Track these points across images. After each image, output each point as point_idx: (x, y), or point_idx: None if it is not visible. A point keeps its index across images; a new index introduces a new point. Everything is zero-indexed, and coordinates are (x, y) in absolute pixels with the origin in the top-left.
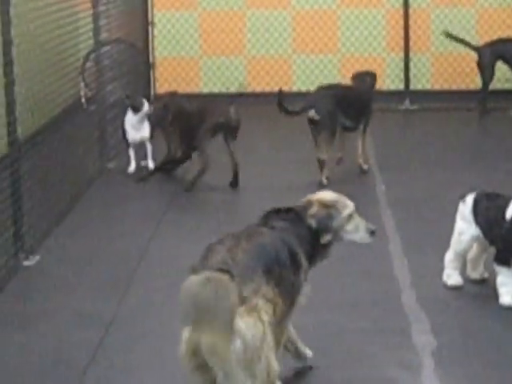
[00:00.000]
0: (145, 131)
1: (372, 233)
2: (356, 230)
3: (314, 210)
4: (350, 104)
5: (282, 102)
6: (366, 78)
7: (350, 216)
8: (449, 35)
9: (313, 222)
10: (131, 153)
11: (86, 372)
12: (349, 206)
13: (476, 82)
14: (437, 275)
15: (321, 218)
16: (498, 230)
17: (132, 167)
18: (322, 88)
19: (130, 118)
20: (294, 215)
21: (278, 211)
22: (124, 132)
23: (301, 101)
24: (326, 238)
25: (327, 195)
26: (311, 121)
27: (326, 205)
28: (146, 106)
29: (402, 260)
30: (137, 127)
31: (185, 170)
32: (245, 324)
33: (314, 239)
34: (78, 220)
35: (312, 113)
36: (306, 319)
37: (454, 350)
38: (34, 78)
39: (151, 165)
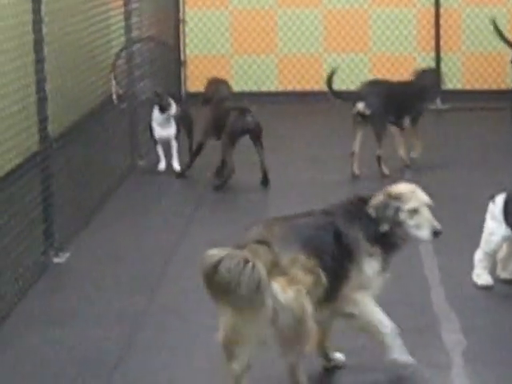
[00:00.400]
0: (171, 129)
1: (436, 233)
2: (418, 226)
3: (376, 199)
4: (399, 99)
5: (331, 83)
6: (427, 75)
7: (415, 210)
8: (495, 26)
9: (371, 211)
10: (159, 150)
11: (115, 369)
12: (417, 199)
13: (507, 82)
14: (467, 274)
15: (377, 208)
16: None
17: (162, 165)
18: (372, 82)
19: (157, 116)
20: (359, 203)
21: (349, 199)
22: (151, 129)
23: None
24: (383, 228)
25: (400, 187)
26: (359, 114)
27: (391, 195)
28: (173, 108)
29: (432, 259)
30: (163, 125)
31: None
32: (285, 296)
33: (377, 227)
34: (109, 217)
35: (361, 106)
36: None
37: (483, 349)
38: (66, 75)
39: (176, 164)
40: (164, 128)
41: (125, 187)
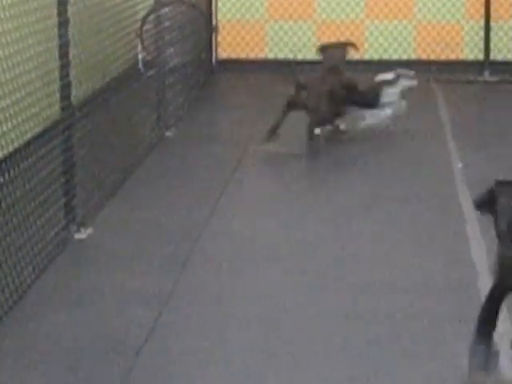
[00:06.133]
0: None
1: None
2: None
3: None
4: None
5: None
6: None
7: None
8: None
9: None
10: None
11: (138, 353)
12: None
13: None
14: None
15: None
16: None
17: None
18: None
19: None
20: None
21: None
22: None
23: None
24: None
25: None
26: None
27: None
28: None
29: (479, 243)
30: None
31: (250, 138)
32: None
33: None
34: (135, 191)
35: None
36: (376, 304)
37: None
38: (90, 39)
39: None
40: None
41: (152, 159)
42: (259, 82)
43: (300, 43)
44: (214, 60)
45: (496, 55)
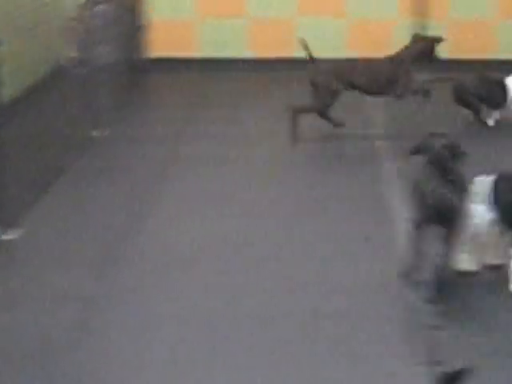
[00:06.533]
0: None
1: None
2: None
3: None
4: None
5: None
6: None
7: None
8: None
9: None
10: None
11: (67, 354)
12: None
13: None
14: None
15: None
16: None
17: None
18: None
19: None
20: None
21: None
22: None
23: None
24: None
25: None
26: None
27: None
28: None
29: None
30: None
31: (180, 137)
32: None
33: None
34: (65, 191)
35: None
36: (316, 306)
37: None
38: (18, 37)
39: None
40: None
41: (82, 159)
42: (191, 81)
43: (231, 41)
44: (145, 59)
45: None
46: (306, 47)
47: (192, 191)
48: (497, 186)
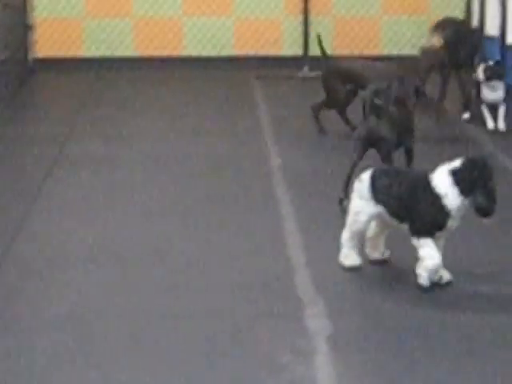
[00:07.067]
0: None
1: None
2: None
3: None
4: None
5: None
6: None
7: None
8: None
9: None
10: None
11: None
12: None
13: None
14: (335, 255)
15: None
16: (412, 204)
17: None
18: None
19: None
20: None
21: None
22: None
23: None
24: None
25: None
26: None
27: None
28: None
29: (296, 239)
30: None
31: (66, 137)
32: None
33: None
34: None
35: None
36: (194, 304)
37: (350, 335)
38: None
39: (502, 125)
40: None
41: None
42: (77, 81)
43: (118, 40)
44: (30, 59)
45: (315, 50)
46: (320, 44)
47: (77, 192)
48: (374, 181)
